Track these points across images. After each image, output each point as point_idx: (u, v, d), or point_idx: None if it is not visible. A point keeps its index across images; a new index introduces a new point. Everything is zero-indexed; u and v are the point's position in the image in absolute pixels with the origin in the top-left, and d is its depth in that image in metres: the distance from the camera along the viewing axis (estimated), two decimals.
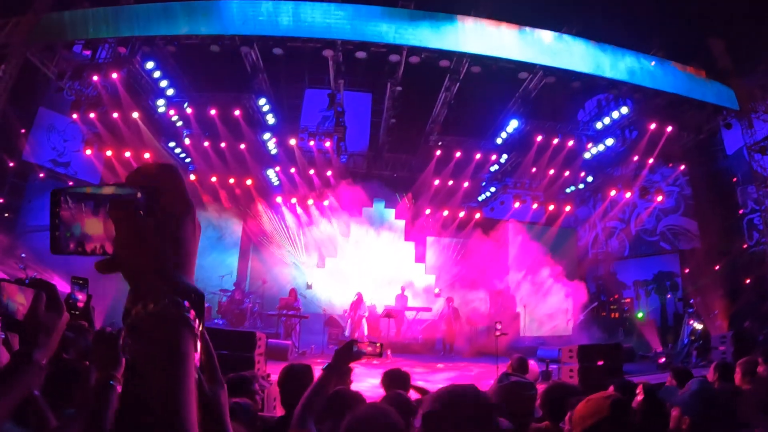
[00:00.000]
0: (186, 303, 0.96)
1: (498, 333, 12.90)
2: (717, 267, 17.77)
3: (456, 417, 2.04)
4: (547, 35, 15.37)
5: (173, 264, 0.99)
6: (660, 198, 20.46)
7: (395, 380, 5.21)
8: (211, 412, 1.51)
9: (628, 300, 21.79)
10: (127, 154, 17.74)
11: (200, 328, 0.99)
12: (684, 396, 3.20)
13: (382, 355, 3.07)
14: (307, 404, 2.78)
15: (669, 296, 20.95)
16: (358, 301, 17.75)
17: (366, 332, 17.43)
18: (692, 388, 3.20)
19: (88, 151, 17.80)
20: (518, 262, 22.22)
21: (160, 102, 17.20)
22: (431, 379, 13.09)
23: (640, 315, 20.01)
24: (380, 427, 2.43)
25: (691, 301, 16.92)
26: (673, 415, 3.29)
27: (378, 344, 3.05)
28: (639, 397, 4.37)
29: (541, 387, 5.99)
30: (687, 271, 20.01)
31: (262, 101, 17.70)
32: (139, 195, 0.98)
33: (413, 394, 5.49)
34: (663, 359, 15.00)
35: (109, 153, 17.69)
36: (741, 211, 19.06)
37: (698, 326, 15.35)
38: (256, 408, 3.97)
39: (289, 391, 4.33)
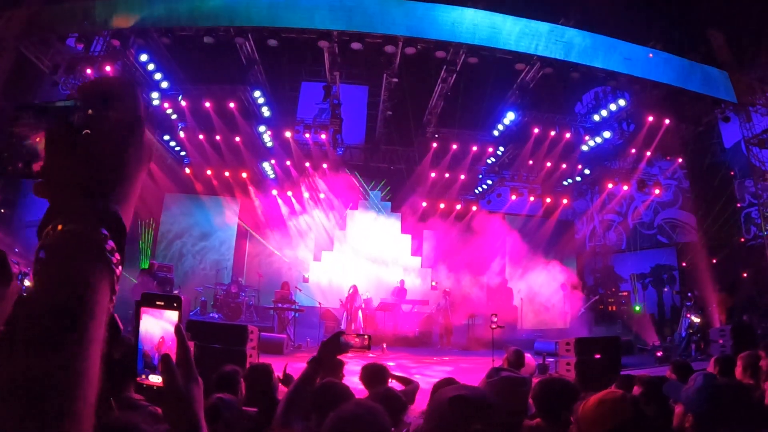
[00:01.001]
0: (104, 231, 0.83)
1: (494, 326, 12.84)
2: (714, 260, 17.72)
3: None
4: (544, 26, 15.24)
5: (103, 186, 0.87)
6: (658, 191, 20.42)
7: (373, 375, 5.12)
8: (184, 409, 1.41)
9: (625, 293, 21.76)
10: None
11: (119, 268, 0.86)
12: (688, 392, 3.07)
13: (371, 348, 2.93)
14: (291, 400, 2.63)
15: (666, 289, 20.94)
16: (354, 294, 17.66)
17: (362, 325, 17.35)
18: (697, 383, 3.06)
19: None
20: (515, 254, 22.15)
21: (155, 95, 17.03)
22: (427, 372, 13.03)
23: (637, 308, 19.99)
24: (367, 427, 2.30)
25: (689, 294, 16.87)
26: (677, 412, 3.17)
27: (366, 336, 2.91)
28: (636, 390, 4.29)
29: (536, 381, 5.92)
30: (684, 264, 19.98)
31: (257, 93, 17.57)
32: (81, 105, 0.88)
33: (395, 384, 5.42)
34: (661, 353, 14.95)
35: None
36: (738, 205, 19.03)
37: (696, 320, 15.32)
38: (240, 402, 3.87)
39: (252, 390, 4.38)
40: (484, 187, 23.31)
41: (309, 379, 2.73)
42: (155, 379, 1.45)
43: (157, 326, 1.46)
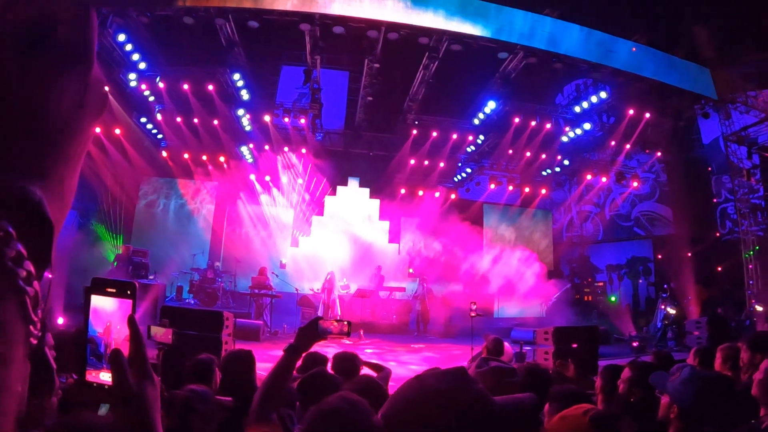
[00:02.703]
0: (9, 228, 0.56)
1: (474, 314, 12.82)
2: (690, 254, 17.91)
3: None
4: (529, 15, 15.17)
5: (14, 156, 0.59)
6: (635, 184, 20.61)
7: (345, 364, 5.04)
8: (137, 409, 1.27)
9: (601, 283, 21.96)
10: (98, 129, 17.26)
11: (33, 285, 0.60)
12: (674, 383, 3.05)
13: (350, 334, 2.82)
14: (268, 390, 2.49)
15: (641, 281, 21.17)
16: (331, 281, 17.56)
17: (339, 312, 17.27)
18: (683, 375, 3.04)
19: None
20: (493, 243, 22.21)
21: (132, 76, 16.70)
22: (404, 359, 13.03)
23: (612, 298, 20.17)
24: (350, 423, 2.19)
25: (665, 286, 17.06)
26: (662, 403, 3.16)
27: (345, 322, 2.80)
28: (626, 374, 4.30)
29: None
30: (660, 256, 20.19)
31: (236, 76, 17.31)
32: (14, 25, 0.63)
33: (367, 371, 5.35)
34: (637, 343, 15.09)
35: None
36: (715, 200, 19.26)
37: (672, 311, 15.50)
38: (214, 393, 3.73)
39: (229, 379, 4.23)
40: (464, 175, 23.34)
41: (286, 368, 2.59)
42: (105, 377, 1.31)
43: (109, 315, 1.33)
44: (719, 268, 17.88)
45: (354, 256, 20.67)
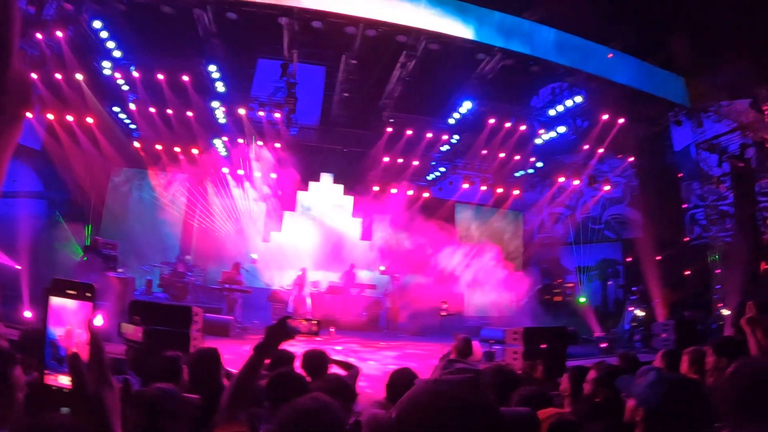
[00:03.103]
0: None
1: (444, 312, 12.88)
2: (659, 258, 18.17)
3: None
4: (508, 18, 15.25)
5: None
6: (607, 187, 20.88)
7: (313, 362, 5.03)
8: (96, 413, 1.25)
9: (571, 284, 22.12)
10: (70, 117, 17.04)
11: None
12: (640, 386, 3.08)
13: (319, 334, 2.80)
14: (236, 389, 2.47)
15: (611, 283, 21.44)
16: (303, 277, 17.51)
17: (310, 309, 17.22)
18: (649, 378, 3.07)
19: (29, 114, 16.98)
20: (464, 242, 22.30)
21: (106, 64, 16.45)
22: (374, 357, 13.04)
23: (582, 300, 20.34)
24: (321, 424, 2.19)
25: (633, 288, 17.30)
26: (628, 406, 3.19)
27: (314, 321, 2.79)
28: (592, 375, 4.35)
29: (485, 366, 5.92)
30: (629, 259, 20.45)
31: (212, 68, 17.12)
32: None
33: (335, 369, 5.34)
34: (605, 344, 15.26)
35: (50, 116, 16.93)
36: (684, 206, 19.57)
37: (640, 313, 15.73)
38: (181, 391, 3.68)
39: (196, 377, 4.21)
40: (437, 174, 23.42)
41: (255, 367, 2.57)
42: (64, 380, 1.29)
43: (69, 317, 1.31)
44: (687, 273, 18.18)
45: (325, 252, 20.60)
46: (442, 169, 23.09)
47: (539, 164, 22.24)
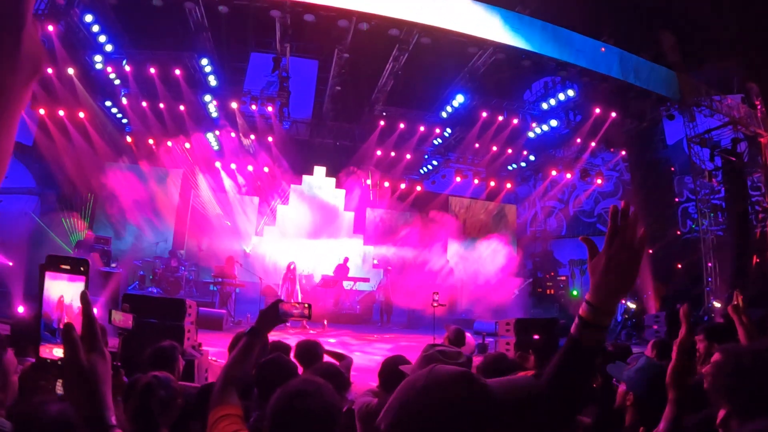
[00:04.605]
0: None
1: (436, 304, 12.92)
2: (651, 251, 18.26)
3: None
4: (500, 12, 15.26)
5: None
6: (599, 181, 20.94)
7: (307, 352, 5.04)
8: (87, 382, 1.28)
9: (563, 278, 22.21)
10: (61, 112, 16.95)
11: None
12: (630, 372, 3.15)
13: (311, 317, 2.82)
14: (228, 374, 2.48)
15: None
16: (292, 272, 17.47)
17: (301, 299, 17.20)
18: (639, 364, 3.15)
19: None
20: (457, 235, 22.32)
21: (98, 58, 16.39)
22: (367, 350, 13.06)
23: (574, 293, 20.44)
24: (316, 406, 2.20)
25: None
26: (619, 391, 3.25)
27: (306, 305, 2.80)
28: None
29: (477, 360, 5.95)
30: None
31: (204, 61, 17.11)
32: None
33: (329, 360, 5.36)
34: None
35: (42, 111, 16.85)
36: (676, 200, 19.67)
37: (632, 306, 15.81)
38: (176, 379, 3.70)
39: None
40: (430, 167, 23.48)
41: (248, 351, 2.58)
42: (59, 352, 1.32)
43: (62, 292, 1.34)
44: (679, 266, 18.28)
45: (318, 245, 20.59)
46: (435, 163, 23.17)
47: (532, 158, 22.33)
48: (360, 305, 19.05)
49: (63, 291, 1.34)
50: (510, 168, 23.13)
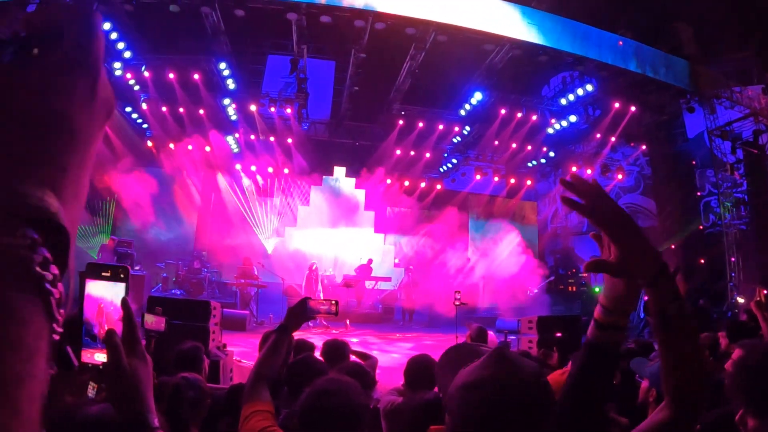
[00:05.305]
0: (35, 235, 0.55)
1: (458, 302, 12.91)
2: (673, 246, 18.10)
3: None
4: (516, 8, 15.19)
5: (29, 161, 0.56)
6: (620, 176, 20.77)
7: (334, 351, 5.08)
8: (128, 390, 1.32)
9: (585, 274, 22.05)
10: None
11: (58, 286, 0.59)
12: (653, 368, 3.14)
13: (338, 314, 2.87)
14: (259, 371, 2.54)
15: None
16: (314, 272, 17.54)
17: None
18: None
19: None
20: (478, 233, 22.29)
21: (117, 65, 16.54)
22: (389, 348, 13.10)
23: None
24: (343, 404, 2.24)
25: None
26: (642, 387, 3.24)
27: (333, 302, 2.85)
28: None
29: None
30: None
31: (222, 65, 17.22)
32: (20, 41, 0.61)
33: (354, 359, 5.40)
34: None
35: None
36: (698, 194, 19.45)
37: None
38: (204, 380, 3.77)
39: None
40: (449, 165, 23.42)
41: (277, 347, 2.63)
42: (100, 357, 1.36)
43: (102, 298, 1.38)
44: (702, 261, 18.09)
45: (340, 246, 20.67)
46: (455, 161, 23.10)
47: (551, 154, 22.20)
48: (382, 305, 19.09)
49: (103, 297, 1.38)
50: (530, 165, 23.02)
